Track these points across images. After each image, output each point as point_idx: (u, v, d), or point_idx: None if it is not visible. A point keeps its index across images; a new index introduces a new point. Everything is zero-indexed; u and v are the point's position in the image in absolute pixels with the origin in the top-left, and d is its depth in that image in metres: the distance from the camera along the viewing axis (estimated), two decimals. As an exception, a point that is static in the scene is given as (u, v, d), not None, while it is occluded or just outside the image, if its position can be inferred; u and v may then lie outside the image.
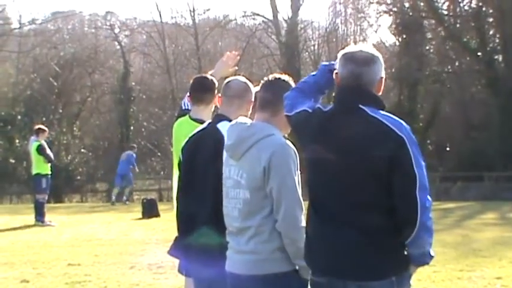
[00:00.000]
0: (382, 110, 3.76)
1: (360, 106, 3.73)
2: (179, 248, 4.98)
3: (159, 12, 78.35)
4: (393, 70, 41.77)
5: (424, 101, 42.78)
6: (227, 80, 5.04)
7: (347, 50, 3.91)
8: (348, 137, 3.72)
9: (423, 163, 3.67)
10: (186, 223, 4.87)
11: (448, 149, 42.05)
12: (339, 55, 3.92)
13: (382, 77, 3.86)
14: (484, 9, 40.12)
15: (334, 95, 3.91)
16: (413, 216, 3.60)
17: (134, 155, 28.91)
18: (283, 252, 4.07)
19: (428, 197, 3.65)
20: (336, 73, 3.91)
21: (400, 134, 3.63)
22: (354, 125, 3.72)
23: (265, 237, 4.09)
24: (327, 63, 4.27)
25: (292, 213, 4.03)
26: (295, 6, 44.14)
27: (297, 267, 4.08)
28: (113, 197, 27.76)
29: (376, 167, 3.63)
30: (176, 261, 5.27)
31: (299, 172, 4.11)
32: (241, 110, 4.82)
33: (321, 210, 3.84)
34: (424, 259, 3.79)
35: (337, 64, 3.93)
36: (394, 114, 3.72)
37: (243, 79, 4.99)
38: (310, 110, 3.96)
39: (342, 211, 3.74)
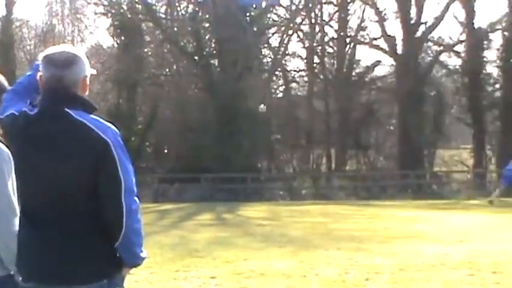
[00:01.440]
0: (91, 113, 3.69)
1: (65, 110, 3.64)
2: None
3: None
4: (111, 72, 41.82)
5: (143, 104, 43.21)
6: None
7: (48, 51, 3.80)
8: (52, 141, 3.62)
9: (130, 166, 3.66)
10: None
11: (166, 151, 42.77)
12: (40, 57, 3.80)
13: (86, 76, 3.78)
14: (200, 14, 41.20)
15: (39, 98, 3.79)
16: (119, 220, 3.59)
17: None
18: (-4, 257, 3.91)
19: (136, 199, 3.65)
20: (41, 75, 3.79)
21: (104, 137, 3.57)
22: (58, 130, 3.62)
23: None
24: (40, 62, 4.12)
25: (3, 219, 3.86)
26: (9, 3, 42.88)
27: (12, 272, 3.92)
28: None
29: (81, 172, 3.58)
30: None
31: (14, 176, 3.94)
32: None
33: (29, 216, 3.73)
34: (135, 261, 3.79)
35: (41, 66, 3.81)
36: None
37: None
38: (16, 113, 3.78)
39: (49, 216, 3.65)
